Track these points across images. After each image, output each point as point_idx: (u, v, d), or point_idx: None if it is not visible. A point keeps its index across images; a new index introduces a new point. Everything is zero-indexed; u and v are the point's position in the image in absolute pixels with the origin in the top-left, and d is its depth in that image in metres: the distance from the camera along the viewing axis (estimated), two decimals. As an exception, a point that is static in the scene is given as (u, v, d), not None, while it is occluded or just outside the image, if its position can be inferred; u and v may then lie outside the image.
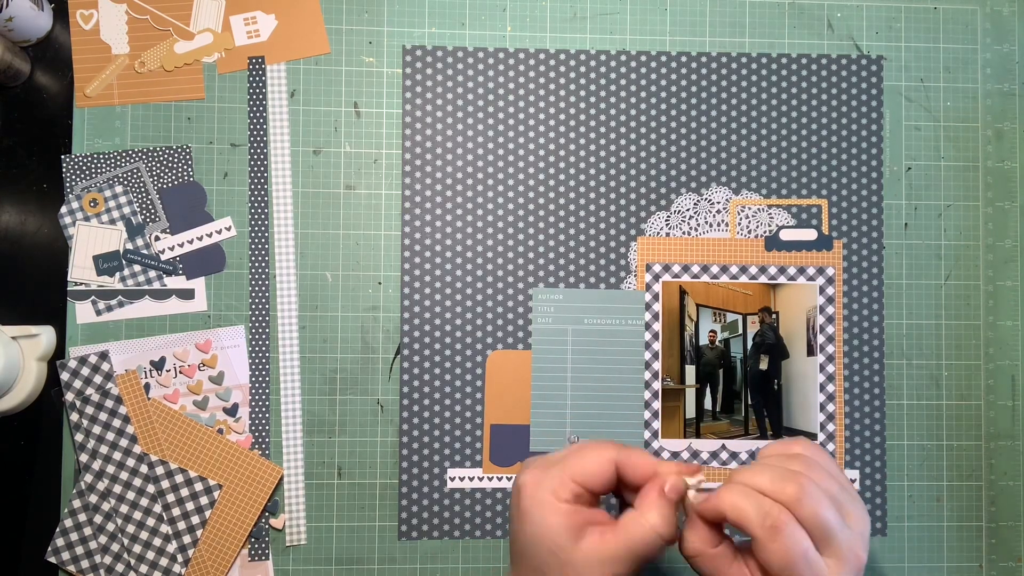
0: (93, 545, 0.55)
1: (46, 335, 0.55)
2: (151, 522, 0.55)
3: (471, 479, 0.57)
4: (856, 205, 0.59)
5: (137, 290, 0.57)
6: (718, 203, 0.59)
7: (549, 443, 0.57)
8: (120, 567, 0.55)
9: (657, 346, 0.58)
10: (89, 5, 0.58)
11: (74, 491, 0.55)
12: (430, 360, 0.57)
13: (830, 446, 0.58)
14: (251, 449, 0.56)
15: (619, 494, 0.44)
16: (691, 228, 0.59)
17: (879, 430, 0.59)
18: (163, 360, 0.56)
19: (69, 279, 0.56)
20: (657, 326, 0.58)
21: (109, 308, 0.56)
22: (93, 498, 0.55)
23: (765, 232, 0.59)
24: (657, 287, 0.58)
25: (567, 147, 0.59)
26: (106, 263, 0.56)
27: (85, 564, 0.55)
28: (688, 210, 0.59)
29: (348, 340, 0.57)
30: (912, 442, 0.59)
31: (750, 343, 0.58)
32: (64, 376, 0.55)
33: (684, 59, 0.59)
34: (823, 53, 0.60)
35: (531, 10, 0.59)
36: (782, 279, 0.59)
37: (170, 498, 0.55)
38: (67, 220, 0.57)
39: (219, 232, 0.57)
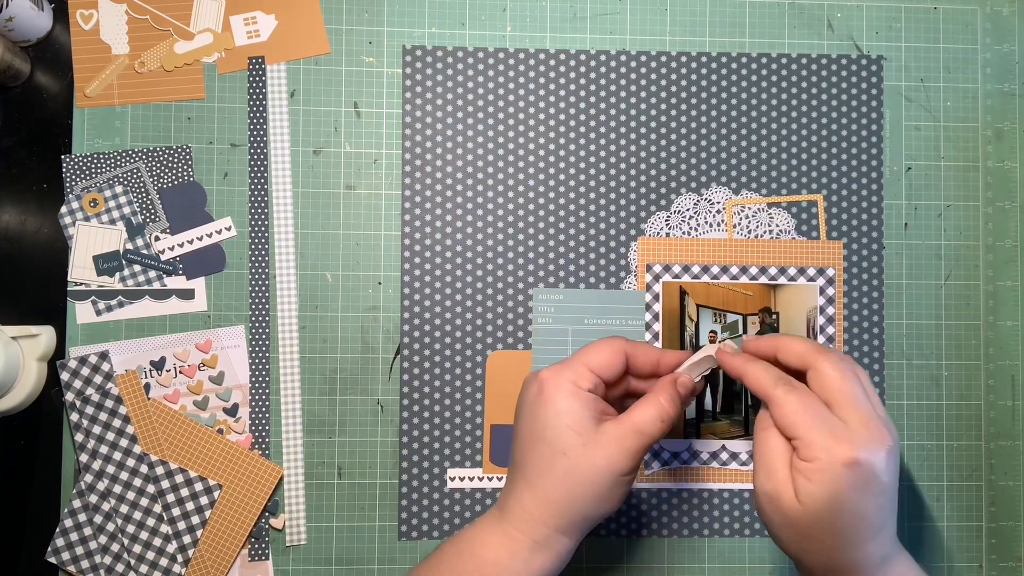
0: (93, 545, 0.55)
1: (46, 335, 0.55)
2: (151, 522, 0.55)
3: (471, 479, 0.57)
4: (856, 205, 0.59)
5: (137, 290, 0.57)
6: (718, 203, 0.59)
7: (549, 443, 0.57)
8: (120, 567, 0.55)
9: (657, 346, 0.58)
10: (89, 5, 0.58)
11: (74, 491, 0.55)
12: (430, 360, 0.57)
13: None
14: (251, 449, 0.56)
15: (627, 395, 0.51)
16: (691, 228, 0.59)
17: (879, 430, 0.58)
18: (163, 360, 0.56)
19: (69, 279, 0.56)
20: (657, 326, 0.58)
21: (109, 308, 0.56)
22: (93, 498, 0.55)
23: (765, 232, 0.59)
24: (657, 287, 0.58)
25: (567, 147, 0.59)
26: (106, 263, 0.57)
27: (85, 564, 0.55)
28: (688, 210, 0.59)
29: (348, 340, 0.57)
30: (912, 442, 0.59)
31: (750, 343, 0.58)
32: (64, 376, 0.55)
33: (684, 59, 0.59)
34: (823, 53, 0.60)
35: (531, 10, 0.59)
36: (782, 279, 0.59)
37: (170, 498, 0.55)
38: (67, 220, 0.57)
39: (219, 232, 0.57)
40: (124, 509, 0.55)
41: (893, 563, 0.44)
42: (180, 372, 0.56)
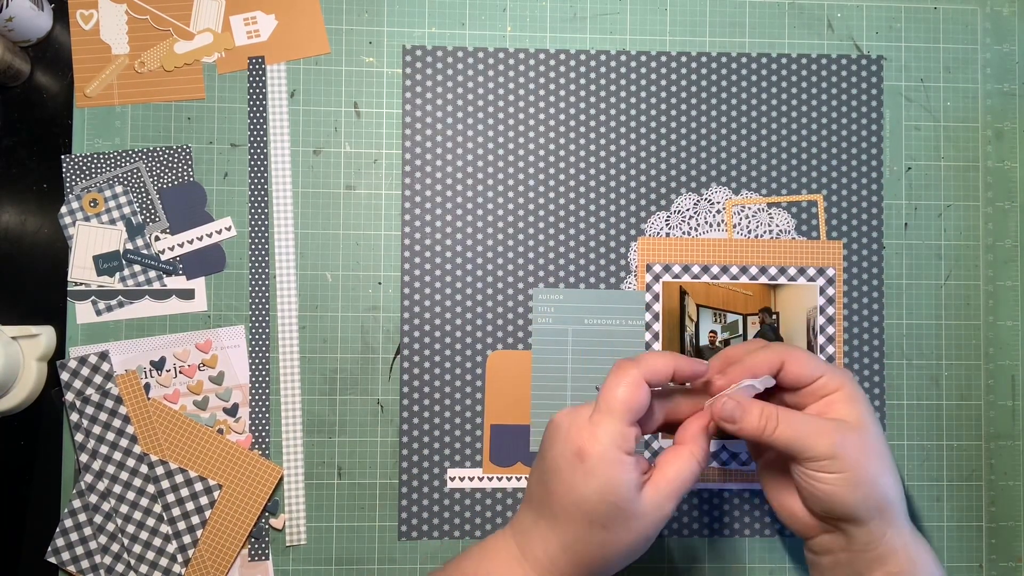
0: (93, 545, 0.55)
1: (46, 335, 0.55)
2: (151, 522, 0.55)
3: (471, 479, 0.57)
4: (856, 205, 0.59)
5: (137, 290, 0.57)
6: (718, 203, 0.59)
7: (549, 443, 0.57)
8: (120, 567, 0.55)
9: (657, 347, 0.58)
10: (89, 5, 0.58)
11: (74, 491, 0.55)
12: (430, 360, 0.57)
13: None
14: (251, 449, 0.56)
15: None
16: (691, 228, 0.59)
17: (879, 430, 0.58)
18: (163, 360, 0.56)
19: (69, 279, 0.56)
20: (657, 327, 0.58)
21: (109, 308, 0.56)
22: (93, 498, 0.55)
23: (765, 232, 0.59)
24: (657, 287, 0.58)
25: (567, 147, 0.59)
26: (106, 263, 0.57)
27: (85, 564, 0.55)
28: (688, 210, 0.59)
29: (348, 340, 0.57)
30: (912, 442, 0.59)
31: (750, 343, 0.58)
32: (64, 376, 0.55)
33: (684, 59, 0.59)
34: (823, 53, 0.60)
35: (531, 10, 0.59)
36: (782, 279, 0.59)
37: (170, 498, 0.55)
38: (67, 220, 0.57)
39: (219, 232, 0.57)
40: (124, 509, 0.55)
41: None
42: (180, 372, 0.56)
